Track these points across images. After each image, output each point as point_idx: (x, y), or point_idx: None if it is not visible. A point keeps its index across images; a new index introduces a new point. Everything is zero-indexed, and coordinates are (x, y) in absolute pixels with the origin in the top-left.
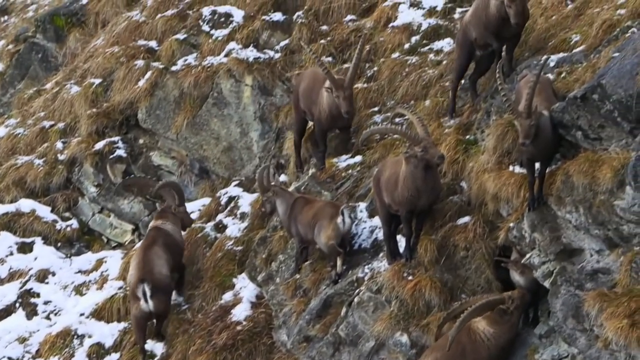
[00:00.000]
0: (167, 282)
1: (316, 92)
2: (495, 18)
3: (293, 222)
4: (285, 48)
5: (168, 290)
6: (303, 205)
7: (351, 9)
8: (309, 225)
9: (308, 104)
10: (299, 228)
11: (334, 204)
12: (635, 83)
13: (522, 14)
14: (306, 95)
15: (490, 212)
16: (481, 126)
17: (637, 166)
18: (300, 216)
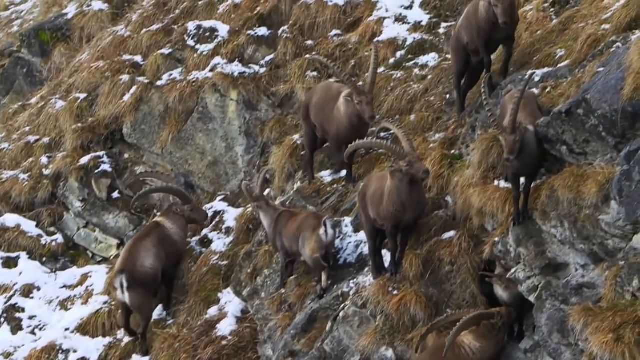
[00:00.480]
0: (148, 275)
1: (330, 107)
2: (485, 21)
3: (278, 236)
4: (271, 63)
5: (148, 284)
6: (287, 219)
7: (336, 23)
8: (294, 237)
9: (320, 118)
10: (284, 242)
11: (316, 215)
12: (620, 98)
13: (510, 13)
14: (319, 108)
15: (475, 227)
16: (466, 141)
17: (622, 181)
18: (285, 230)
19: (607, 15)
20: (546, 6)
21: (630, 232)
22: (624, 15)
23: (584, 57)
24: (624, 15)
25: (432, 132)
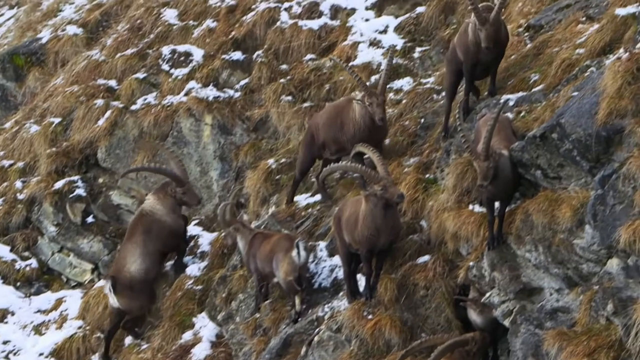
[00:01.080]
0: (133, 279)
1: (342, 117)
2: (472, 43)
3: (252, 258)
4: (245, 87)
5: (135, 287)
6: (261, 241)
7: (311, 48)
8: (267, 259)
9: (331, 133)
10: (257, 264)
11: (289, 237)
12: (594, 122)
13: (494, 38)
14: (327, 125)
15: (450, 251)
16: (441, 165)
17: (597, 205)
18: (259, 252)
19: (581, 39)
20: (520, 30)
21: (604, 256)
22: (598, 40)
23: (558, 81)
24: (598, 39)
25: (406, 156)
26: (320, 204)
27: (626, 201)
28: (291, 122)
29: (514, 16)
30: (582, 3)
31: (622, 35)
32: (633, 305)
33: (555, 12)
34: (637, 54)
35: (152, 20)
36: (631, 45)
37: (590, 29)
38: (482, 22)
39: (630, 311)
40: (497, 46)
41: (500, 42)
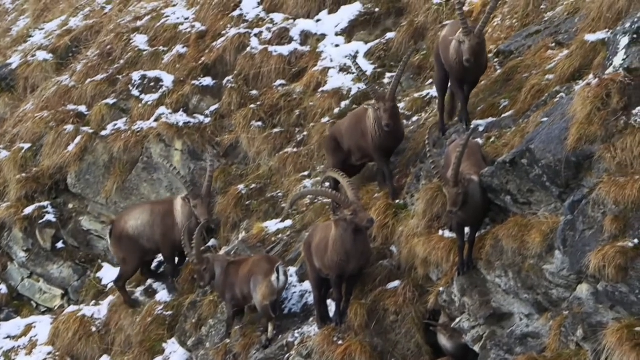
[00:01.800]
0: (128, 234)
1: (362, 125)
2: (456, 62)
3: (228, 287)
4: (215, 113)
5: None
6: (238, 267)
7: (281, 73)
8: (245, 280)
9: (355, 139)
10: (235, 291)
11: (270, 259)
12: (564, 148)
13: (477, 51)
14: (351, 132)
15: (420, 277)
16: (411, 190)
17: (566, 231)
18: (236, 279)
19: (551, 65)
20: (490, 56)
21: (574, 281)
22: (567, 66)
23: (528, 107)
24: (567, 65)
25: (377, 181)
26: (290, 229)
27: (596, 227)
28: (261, 147)
29: None
30: (552, 29)
31: (592, 61)
32: (603, 330)
33: (525, 38)
34: (607, 79)
35: (122, 46)
36: (600, 71)
37: (560, 54)
38: (467, 32)
39: (600, 336)
40: (477, 63)
41: (480, 62)
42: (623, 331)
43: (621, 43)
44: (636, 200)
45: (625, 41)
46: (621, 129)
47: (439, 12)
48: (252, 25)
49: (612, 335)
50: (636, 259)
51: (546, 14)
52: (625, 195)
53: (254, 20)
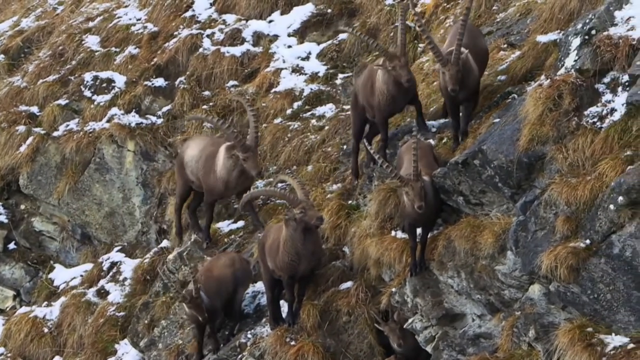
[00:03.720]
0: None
1: (372, 82)
2: (444, 88)
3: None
4: (168, 113)
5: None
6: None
7: (233, 74)
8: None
9: (366, 97)
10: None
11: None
12: (516, 148)
13: (458, 79)
14: (363, 88)
15: (372, 277)
16: (363, 191)
17: (518, 231)
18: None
19: (503, 66)
20: None
21: (526, 282)
22: (519, 67)
23: (480, 108)
24: (519, 66)
25: (329, 182)
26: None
27: (548, 227)
28: None
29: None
30: (504, 30)
31: (544, 62)
32: (555, 331)
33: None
34: (559, 80)
35: (74, 46)
36: (552, 72)
37: (512, 55)
38: (444, 62)
39: (552, 337)
40: (465, 89)
41: (469, 85)
42: (575, 331)
43: (573, 44)
44: (588, 201)
45: (577, 42)
46: (573, 129)
47: (391, 13)
48: (204, 26)
49: (564, 335)
50: (588, 259)
51: (498, 15)
52: (577, 196)
53: (206, 21)
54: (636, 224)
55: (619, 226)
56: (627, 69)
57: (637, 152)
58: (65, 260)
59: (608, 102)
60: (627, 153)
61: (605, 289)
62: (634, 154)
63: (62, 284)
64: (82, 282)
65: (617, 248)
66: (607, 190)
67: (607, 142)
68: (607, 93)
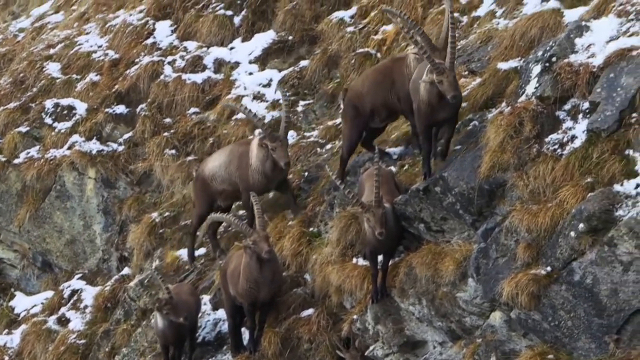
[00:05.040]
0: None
1: (393, 76)
2: (425, 104)
3: None
4: (129, 140)
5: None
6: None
7: (195, 101)
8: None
9: (381, 97)
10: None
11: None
12: (477, 175)
13: (457, 86)
14: (375, 88)
15: (334, 304)
16: (324, 218)
17: (479, 258)
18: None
19: (464, 93)
20: None
21: (487, 309)
22: (480, 94)
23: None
24: (480, 93)
25: (290, 209)
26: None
27: (509, 254)
28: (175, 175)
29: None
30: (465, 57)
31: (505, 89)
32: (516, 358)
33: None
34: (519, 108)
35: (35, 73)
36: (513, 99)
37: (473, 82)
38: (441, 71)
39: None
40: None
41: (461, 94)
42: (536, 358)
43: (533, 71)
44: (549, 228)
45: (538, 69)
46: (534, 156)
47: (352, 40)
48: (165, 53)
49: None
50: (549, 286)
51: (459, 42)
52: (537, 223)
53: (167, 48)
54: (597, 251)
55: (579, 253)
56: (588, 96)
57: (598, 179)
58: (26, 287)
59: (569, 129)
60: (588, 180)
61: (566, 316)
62: (595, 181)
63: (22, 311)
64: (42, 310)
65: (577, 275)
66: (568, 217)
67: (567, 169)
68: (567, 120)
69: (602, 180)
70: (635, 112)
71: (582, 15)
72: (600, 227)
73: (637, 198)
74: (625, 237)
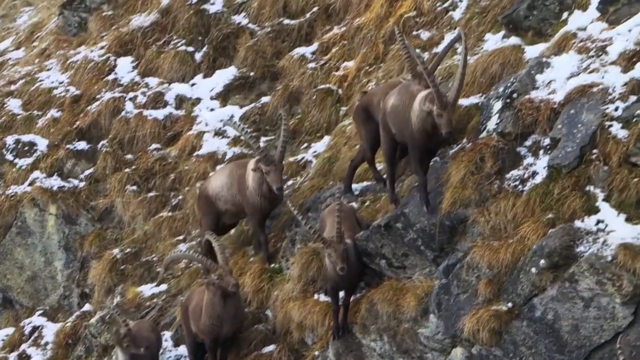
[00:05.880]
0: (202, 192)
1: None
2: (419, 131)
3: None
4: (90, 177)
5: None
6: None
7: (156, 137)
8: None
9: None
10: None
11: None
12: (439, 212)
13: (452, 124)
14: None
15: (295, 341)
16: (286, 255)
17: (441, 294)
18: None
19: None
20: None
21: (449, 345)
22: None
23: (402, 171)
24: None
25: (251, 246)
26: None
27: (470, 290)
28: (136, 211)
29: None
30: None
31: (466, 125)
32: None
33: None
34: (480, 144)
35: None
36: (474, 135)
37: None
38: (444, 105)
39: None
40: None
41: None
42: None
43: (494, 107)
44: (510, 264)
45: (499, 105)
46: (495, 192)
47: (313, 77)
48: (127, 89)
49: None
50: (510, 322)
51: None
52: (499, 259)
53: (128, 84)
54: (558, 287)
55: (540, 289)
56: (549, 132)
57: (559, 215)
58: None
59: (530, 165)
60: (549, 216)
61: (527, 352)
62: (556, 217)
63: None
64: (3, 347)
65: (539, 311)
66: (529, 253)
67: (528, 205)
68: (528, 156)
69: (563, 217)
70: (595, 148)
71: (542, 52)
72: (562, 263)
73: (597, 234)
74: (586, 273)
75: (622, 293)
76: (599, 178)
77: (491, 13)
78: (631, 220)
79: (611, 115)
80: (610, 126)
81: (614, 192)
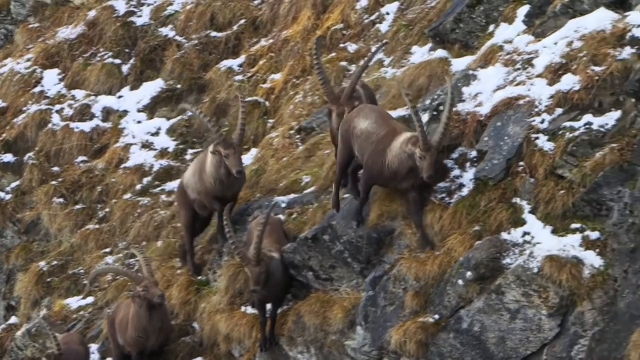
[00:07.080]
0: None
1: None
2: (391, 172)
3: None
4: (16, 189)
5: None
6: None
7: (83, 150)
8: None
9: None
10: None
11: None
12: (366, 224)
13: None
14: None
15: (222, 353)
16: (213, 267)
17: (368, 307)
18: None
19: None
20: (292, 133)
21: (376, 357)
22: None
23: (330, 183)
24: None
25: (179, 258)
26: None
27: (397, 303)
28: (63, 224)
29: (285, 119)
30: None
31: None
32: None
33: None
34: None
35: None
36: None
37: None
38: (427, 148)
39: None
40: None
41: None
42: None
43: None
44: (437, 276)
45: (426, 118)
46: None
47: (240, 89)
48: (53, 101)
49: None
50: (437, 334)
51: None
52: (426, 271)
53: (55, 97)
54: (485, 299)
55: (467, 301)
56: (476, 145)
57: (486, 228)
58: None
59: (457, 178)
60: (476, 228)
61: None
62: (482, 229)
63: None
64: None
65: (466, 323)
66: (456, 265)
67: (455, 217)
68: (455, 169)
69: (490, 229)
70: (522, 160)
71: (469, 65)
72: (488, 276)
73: (524, 246)
74: (513, 285)
75: (549, 305)
76: (526, 190)
77: (418, 26)
78: (557, 233)
79: (537, 128)
80: (537, 139)
81: (540, 205)
